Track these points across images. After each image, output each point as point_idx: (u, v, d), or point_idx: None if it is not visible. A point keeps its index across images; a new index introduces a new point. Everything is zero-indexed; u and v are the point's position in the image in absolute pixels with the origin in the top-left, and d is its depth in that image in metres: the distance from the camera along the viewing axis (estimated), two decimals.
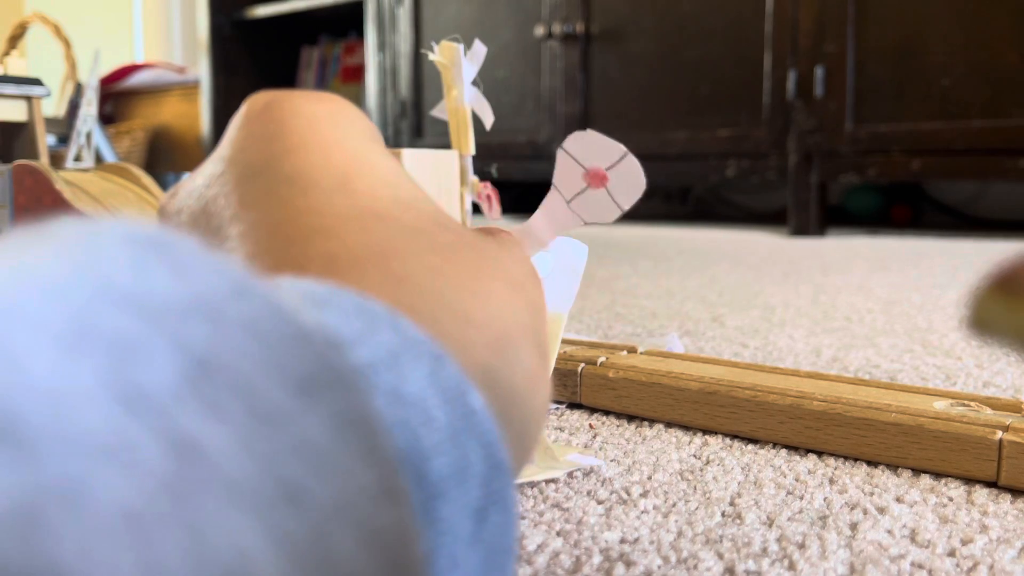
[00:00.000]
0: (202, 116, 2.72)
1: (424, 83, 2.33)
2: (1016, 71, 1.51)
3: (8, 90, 0.86)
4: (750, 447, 0.38)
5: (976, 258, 1.25)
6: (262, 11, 2.70)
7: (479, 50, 0.42)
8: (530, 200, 0.43)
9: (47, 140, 1.09)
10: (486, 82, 0.43)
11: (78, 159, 1.23)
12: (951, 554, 0.27)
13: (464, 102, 0.42)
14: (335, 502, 0.11)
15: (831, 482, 0.34)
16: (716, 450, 0.38)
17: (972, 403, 0.37)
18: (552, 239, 0.33)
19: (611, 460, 0.36)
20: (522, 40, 2.10)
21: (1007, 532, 0.29)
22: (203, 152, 2.71)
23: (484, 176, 0.44)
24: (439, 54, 0.42)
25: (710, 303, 0.82)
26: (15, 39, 1.51)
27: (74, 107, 1.48)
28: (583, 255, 0.34)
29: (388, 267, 0.17)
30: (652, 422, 0.42)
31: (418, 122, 2.34)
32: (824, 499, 0.32)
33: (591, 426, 0.42)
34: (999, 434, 0.33)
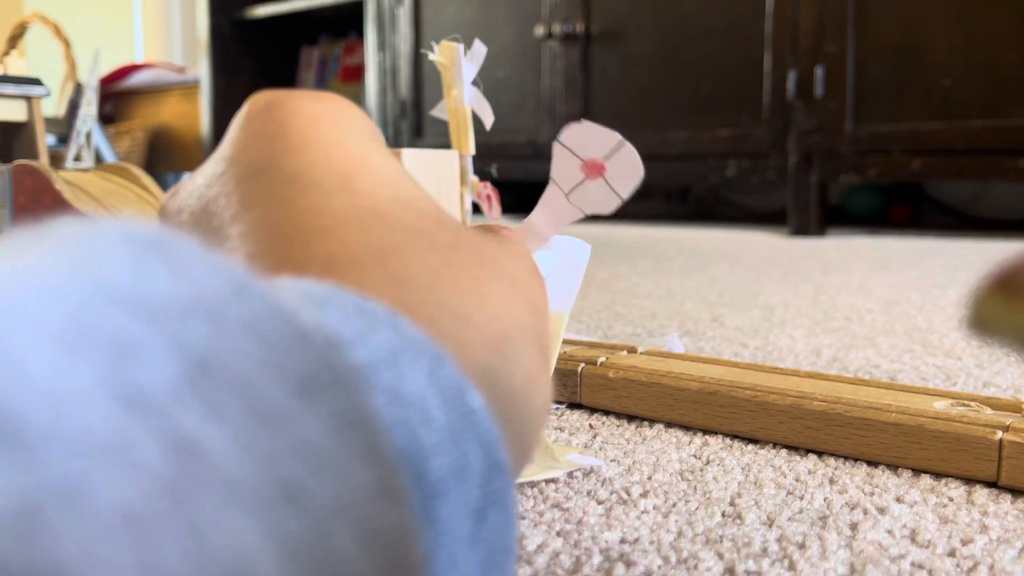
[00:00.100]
0: (202, 116, 2.72)
1: (424, 83, 2.33)
2: (1016, 71, 1.51)
3: (8, 90, 0.86)
4: (750, 447, 0.38)
5: (976, 258, 1.25)
6: (262, 11, 2.70)
7: (479, 50, 0.42)
8: (530, 200, 0.43)
9: (47, 140, 1.09)
10: (486, 82, 0.43)
11: (78, 159, 1.23)
12: (951, 554, 0.27)
13: (464, 102, 0.42)
14: (335, 502, 0.11)
15: (831, 482, 0.34)
16: (716, 450, 0.38)
17: (972, 403, 0.36)
18: (553, 233, 0.33)
19: (611, 460, 0.36)
20: (522, 40, 2.11)
21: (1007, 532, 0.29)
22: (203, 152, 2.71)
23: (484, 176, 0.44)
24: (439, 54, 0.42)
25: (710, 303, 0.82)
26: (15, 39, 1.51)
27: (74, 107, 1.48)
28: (586, 253, 0.34)
29: (388, 267, 0.17)
30: (652, 422, 0.42)
31: (418, 122, 2.34)
32: (824, 499, 0.32)
33: (591, 426, 0.42)
34: (999, 434, 0.33)
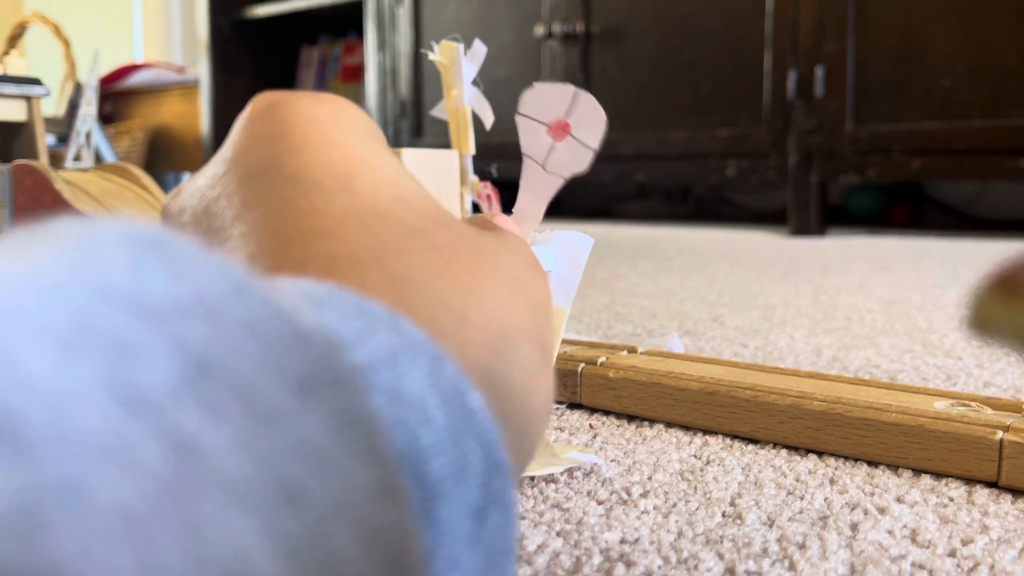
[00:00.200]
0: (202, 116, 2.72)
1: (424, 83, 2.33)
2: (1016, 71, 1.51)
3: (7, 90, 0.86)
4: (750, 447, 0.38)
5: (976, 258, 1.25)
6: (262, 11, 2.70)
7: (479, 50, 0.42)
8: None
9: (47, 140, 1.09)
10: (486, 82, 0.43)
11: (78, 159, 1.23)
12: (952, 554, 0.27)
13: (464, 102, 0.42)
14: (334, 502, 0.11)
15: (832, 482, 0.34)
16: (716, 450, 0.38)
17: (973, 403, 0.36)
18: (542, 211, 0.33)
19: (611, 460, 0.36)
20: (522, 40, 2.11)
21: (1008, 532, 0.29)
22: (202, 152, 2.71)
23: (484, 176, 0.44)
24: (439, 54, 0.42)
25: (710, 303, 0.82)
26: (15, 39, 1.51)
27: (74, 107, 1.48)
28: (587, 247, 0.33)
29: (388, 267, 0.17)
30: (652, 422, 0.42)
31: (418, 122, 2.34)
32: (824, 499, 0.32)
33: (591, 426, 0.42)
34: (1000, 434, 0.33)
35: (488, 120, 0.42)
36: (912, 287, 0.93)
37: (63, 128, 1.60)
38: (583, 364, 0.44)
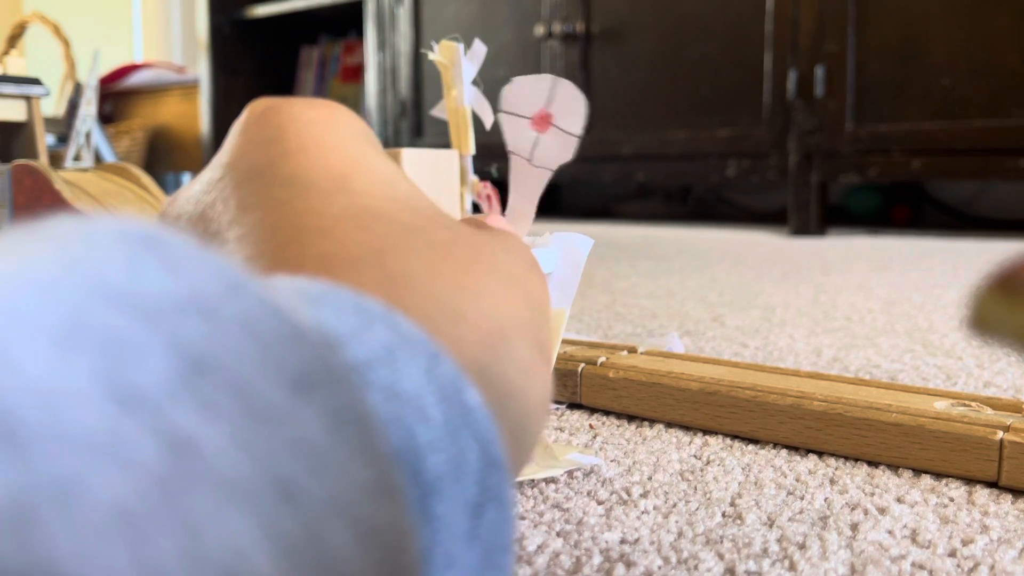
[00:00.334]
0: (201, 116, 2.72)
1: (424, 83, 2.33)
2: (1016, 71, 1.51)
3: (7, 90, 0.86)
4: (750, 447, 0.38)
5: (976, 258, 1.25)
6: (262, 11, 2.70)
7: (479, 50, 0.42)
8: None
9: (46, 140, 1.09)
10: (486, 82, 0.43)
11: (77, 159, 1.23)
12: (952, 554, 0.27)
13: (464, 102, 0.42)
14: (331, 500, 0.11)
15: (832, 482, 0.34)
16: (716, 450, 0.38)
17: (973, 403, 0.36)
18: (533, 208, 0.33)
19: (611, 460, 0.36)
20: (522, 40, 2.11)
21: (1008, 532, 0.29)
22: (202, 152, 2.71)
23: (484, 176, 0.44)
24: (439, 54, 0.42)
25: (710, 303, 0.82)
26: (14, 39, 1.51)
27: (73, 107, 1.48)
28: (587, 248, 0.33)
29: (384, 265, 0.17)
30: (652, 422, 0.42)
31: (418, 122, 2.34)
32: (825, 499, 0.32)
33: (591, 426, 0.42)
34: (1000, 434, 0.33)
35: (488, 120, 0.42)
36: (912, 287, 0.93)
37: (63, 128, 1.60)
38: (583, 364, 0.44)
